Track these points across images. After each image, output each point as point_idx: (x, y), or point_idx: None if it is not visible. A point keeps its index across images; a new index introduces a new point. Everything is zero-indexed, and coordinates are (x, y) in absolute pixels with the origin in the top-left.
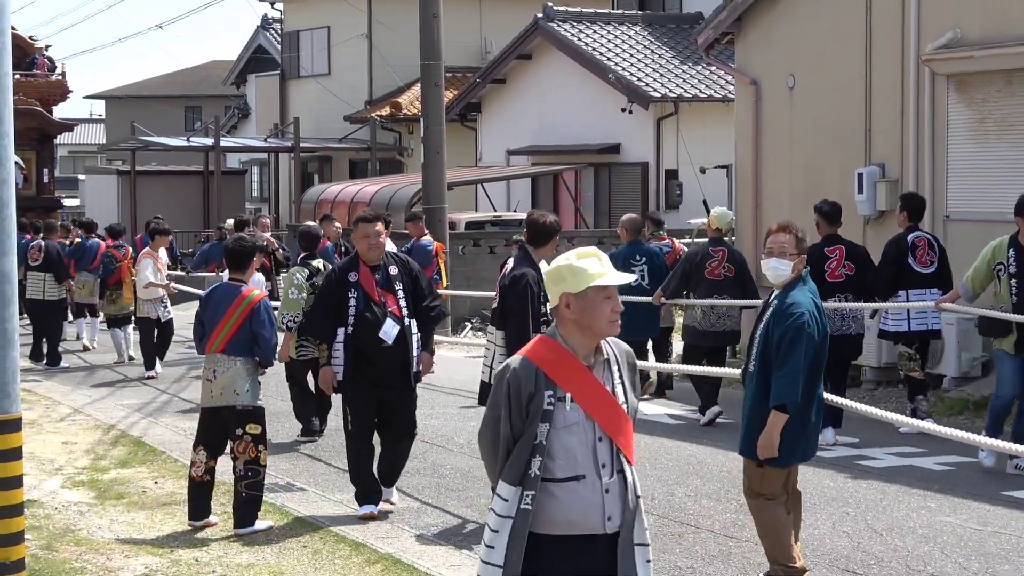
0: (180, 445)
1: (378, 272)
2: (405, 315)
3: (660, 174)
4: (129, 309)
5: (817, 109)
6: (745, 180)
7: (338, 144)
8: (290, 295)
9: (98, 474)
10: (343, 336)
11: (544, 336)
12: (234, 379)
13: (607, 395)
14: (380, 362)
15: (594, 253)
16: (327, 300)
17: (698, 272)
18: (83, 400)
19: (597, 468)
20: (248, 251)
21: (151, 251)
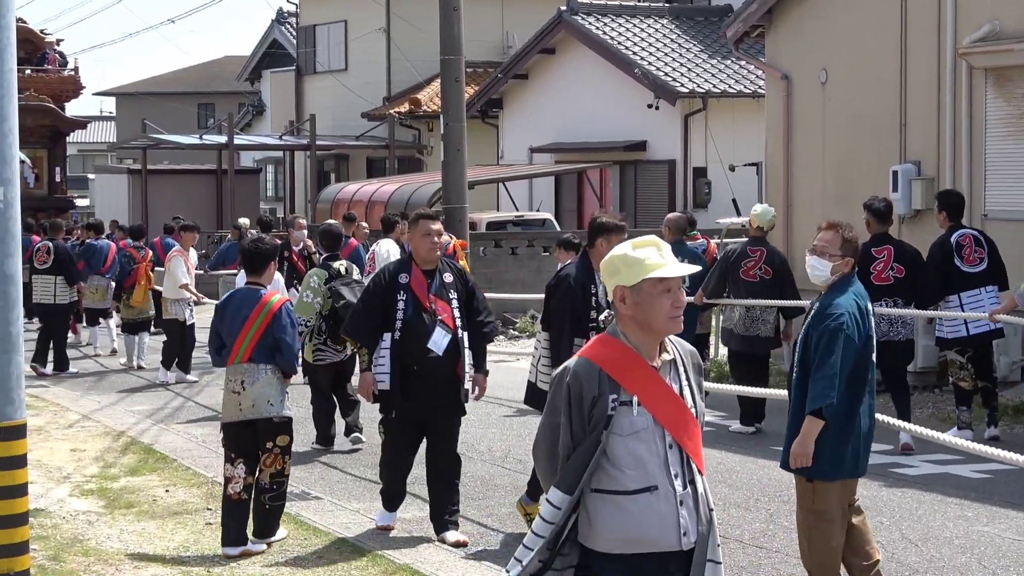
0: (192, 452)
1: (432, 277)
2: (458, 326)
3: (688, 172)
4: (148, 314)
5: (850, 104)
6: (776, 178)
7: (355, 142)
8: (304, 298)
9: (107, 482)
10: (388, 342)
11: (605, 335)
12: (265, 389)
13: (676, 398)
14: (427, 374)
15: (653, 242)
16: (373, 302)
17: (733, 272)
18: (92, 406)
19: (670, 478)
20: (266, 253)
21: (182, 250)
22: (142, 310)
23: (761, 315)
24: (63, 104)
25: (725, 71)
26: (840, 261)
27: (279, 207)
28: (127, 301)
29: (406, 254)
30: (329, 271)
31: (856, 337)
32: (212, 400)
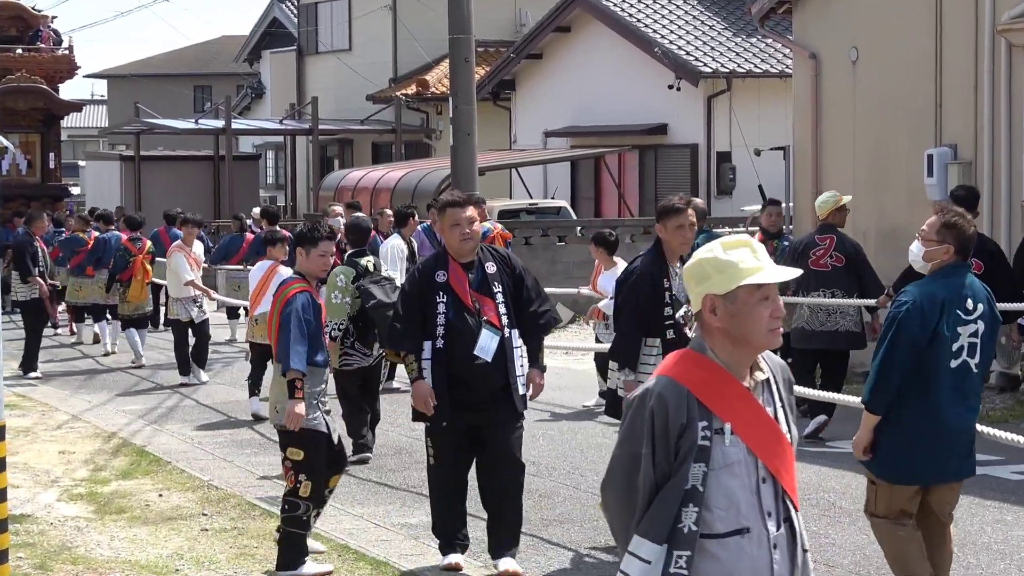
0: (187, 455)
1: (472, 271)
2: (505, 324)
3: (711, 157)
4: (146, 309)
5: (883, 85)
6: (804, 163)
7: (360, 126)
8: (333, 299)
9: (98, 486)
10: (429, 351)
11: (689, 350)
12: (274, 392)
13: (772, 424)
14: (474, 383)
15: (745, 243)
16: (409, 306)
17: (802, 263)
18: (82, 406)
19: (763, 517)
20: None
21: (183, 244)
22: (139, 305)
23: (839, 306)
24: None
25: (750, 50)
26: (936, 247)
27: (280, 195)
28: (124, 295)
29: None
30: (356, 268)
31: (920, 328)
32: (209, 399)
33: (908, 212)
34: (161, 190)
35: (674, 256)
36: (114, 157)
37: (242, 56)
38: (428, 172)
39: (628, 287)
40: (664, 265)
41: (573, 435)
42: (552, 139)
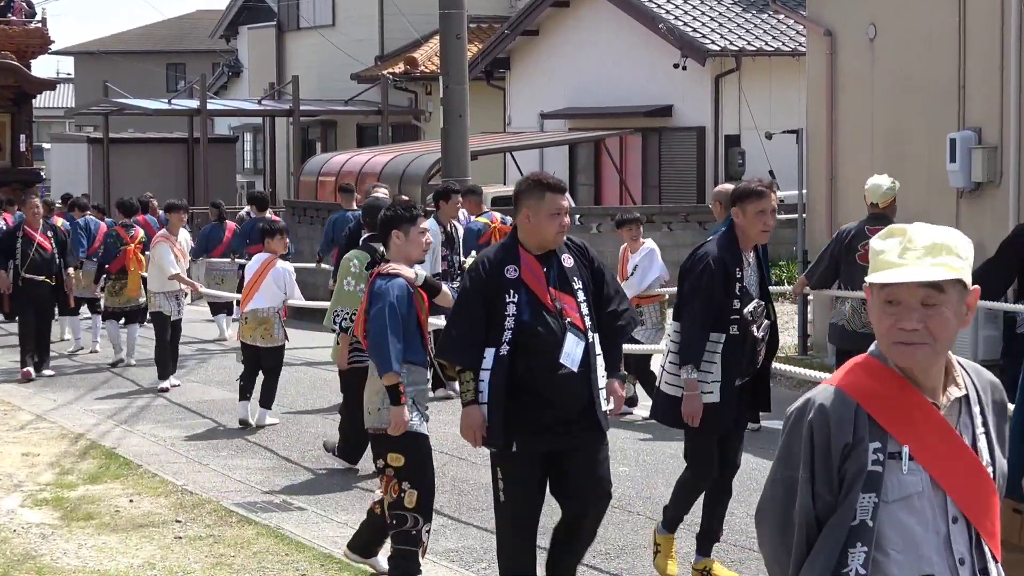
0: (160, 458)
1: (548, 264)
2: (588, 327)
3: (719, 140)
4: (139, 302)
5: (902, 64)
6: (818, 147)
7: (344, 107)
8: (344, 286)
9: (64, 491)
10: (491, 361)
11: (867, 357)
12: (371, 393)
13: (967, 452)
14: (558, 398)
15: (900, 232)
16: (472, 309)
17: (848, 256)
18: (47, 404)
19: (952, 566)
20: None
21: (168, 234)
22: (129, 299)
23: None
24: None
25: (761, 26)
26: None
27: (258, 180)
28: (112, 288)
29: (507, 237)
30: (372, 253)
31: None
32: (183, 397)
33: (928, 200)
34: (131, 175)
35: (749, 244)
36: (81, 139)
37: (218, 32)
38: (417, 156)
39: (699, 275)
40: (738, 253)
41: None
42: (549, 121)
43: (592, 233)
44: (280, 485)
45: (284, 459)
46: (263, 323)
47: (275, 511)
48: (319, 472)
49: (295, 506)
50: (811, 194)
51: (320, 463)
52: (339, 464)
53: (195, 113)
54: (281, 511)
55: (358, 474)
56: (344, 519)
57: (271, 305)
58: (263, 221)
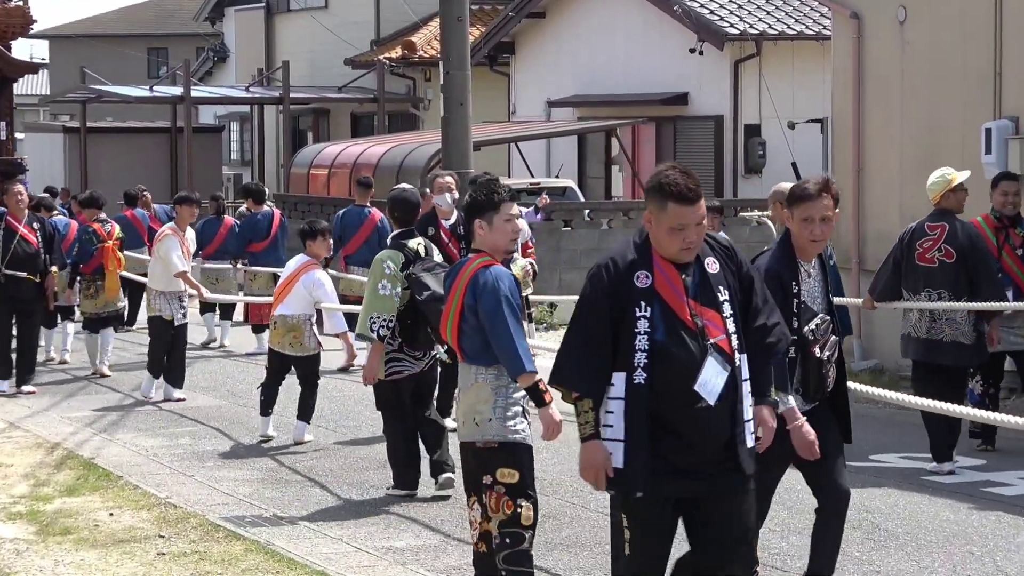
0: (141, 468)
1: (688, 271)
2: (735, 348)
3: (738, 130)
4: (117, 306)
5: (934, 49)
6: (844, 138)
7: (337, 94)
8: (379, 291)
9: (39, 504)
10: (622, 387)
11: None
12: (475, 402)
13: None
14: (694, 435)
15: None
16: (595, 322)
17: (908, 257)
18: (21, 412)
19: None
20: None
21: (176, 228)
22: (110, 302)
23: (946, 313)
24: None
25: (783, 8)
26: None
27: (245, 172)
28: (87, 291)
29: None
30: (405, 253)
31: None
32: (167, 404)
33: None
34: (110, 166)
35: (806, 254)
36: (56, 129)
37: (203, 14)
38: (416, 147)
39: None
40: (794, 264)
41: None
42: (556, 110)
43: (602, 229)
44: (270, 497)
45: (274, 470)
46: (292, 330)
47: (265, 525)
48: (312, 483)
49: (286, 520)
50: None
51: (313, 473)
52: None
53: (178, 101)
54: (271, 525)
55: (350, 480)
56: (339, 534)
57: (301, 312)
58: (305, 222)
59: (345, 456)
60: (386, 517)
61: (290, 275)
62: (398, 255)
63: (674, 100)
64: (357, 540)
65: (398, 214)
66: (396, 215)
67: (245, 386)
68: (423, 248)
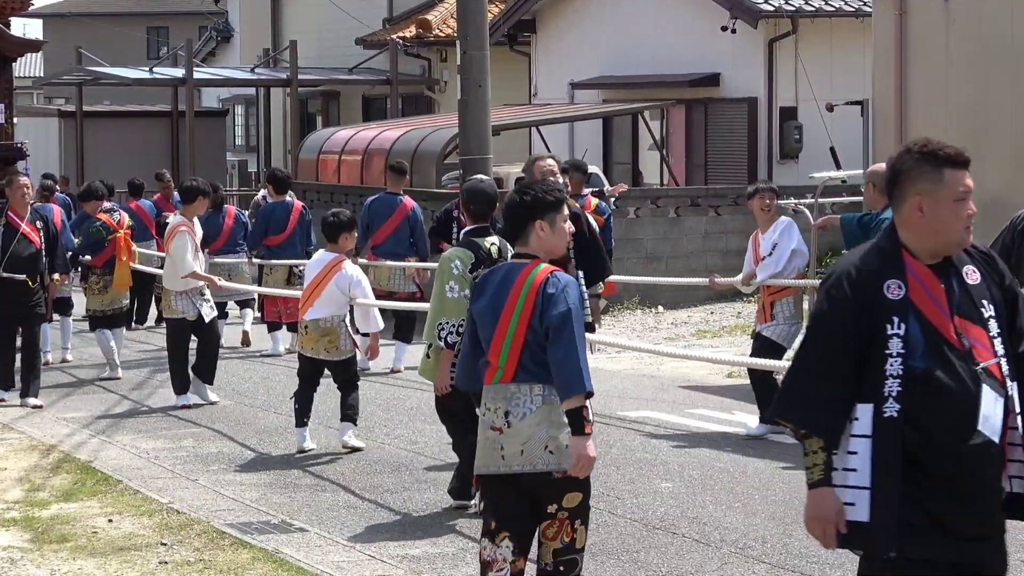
0: (142, 472)
1: (947, 280)
2: (1006, 375)
3: (773, 113)
4: (122, 303)
5: (982, 25)
6: (886, 121)
7: (348, 76)
8: (447, 292)
9: (34, 509)
10: (869, 423)
11: None
12: (540, 428)
13: None
14: (970, 484)
15: None
16: (832, 343)
17: (1019, 246)
18: (14, 412)
19: None
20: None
21: (187, 222)
22: (114, 297)
23: None
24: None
25: None
26: None
27: (251, 158)
28: (96, 285)
29: (882, 236)
30: (476, 252)
31: None
32: (169, 401)
33: (1013, 180)
34: (108, 153)
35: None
36: (51, 113)
37: None
38: (432, 131)
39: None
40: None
41: (608, 449)
42: (580, 92)
43: (629, 218)
44: (278, 503)
45: (283, 474)
46: (327, 334)
47: (273, 532)
48: (323, 487)
49: (295, 527)
50: None
51: (324, 477)
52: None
53: (180, 83)
54: (280, 532)
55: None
56: (351, 541)
57: (335, 314)
58: (331, 214)
59: (358, 459)
60: (401, 523)
61: (319, 275)
62: (468, 254)
63: (705, 81)
64: (371, 548)
65: (473, 207)
66: (471, 208)
67: (251, 385)
68: (497, 248)
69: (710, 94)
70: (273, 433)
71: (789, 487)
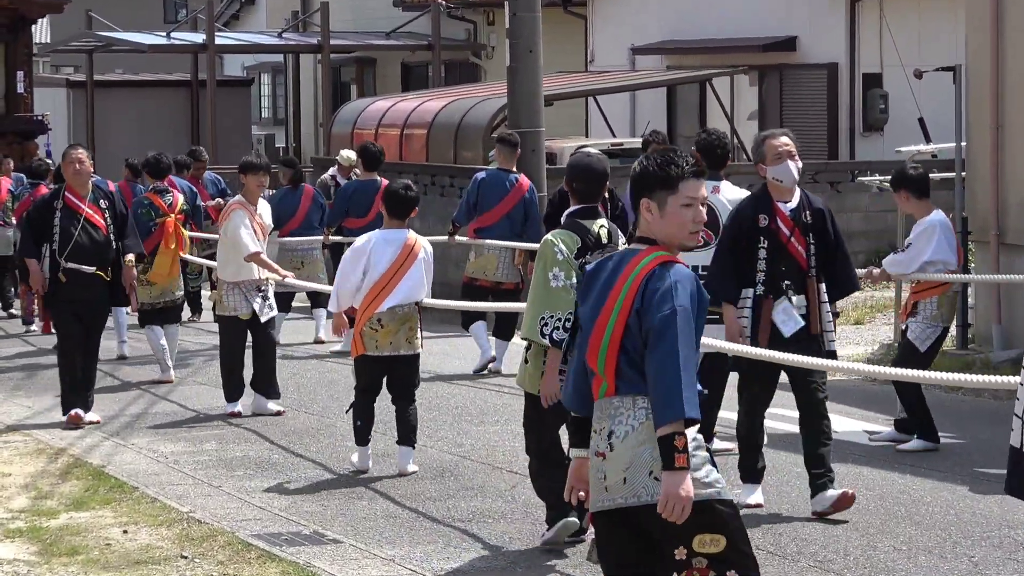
0: (159, 478)
1: None
2: None
3: (855, 81)
4: (176, 295)
5: None
6: (980, 89)
7: (385, 41)
8: (550, 281)
9: (42, 519)
10: None
11: None
12: (640, 451)
13: None
14: None
15: None
16: None
17: None
18: (20, 412)
19: None
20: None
21: (244, 201)
22: (167, 289)
23: None
24: None
25: None
26: None
27: (279, 132)
28: (144, 275)
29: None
30: (583, 235)
31: None
32: (190, 399)
33: None
34: (121, 126)
35: None
36: (59, 83)
37: None
38: (478, 101)
39: None
40: None
41: None
42: (642, 57)
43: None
44: (310, 511)
45: (314, 480)
46: (406, 321)
47: (304, 544)
48: (358, 495)
49: (329, 538)
50: (972, 146)
51: (360, 483)
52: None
53: (200, 49)
54: (311, 544)
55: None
56: (390, 553)
57: (415, 298)
58: (402, 187)
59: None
60: (445, 534)
61: (399, 257)
62: (574, 238)
63: (780, 45)
64: (411, 561)
65: (578, 185)
66: (575, 186)
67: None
68: (607, 232)
69: (786, 60)
70: (304, 435)
71: (873, 494)
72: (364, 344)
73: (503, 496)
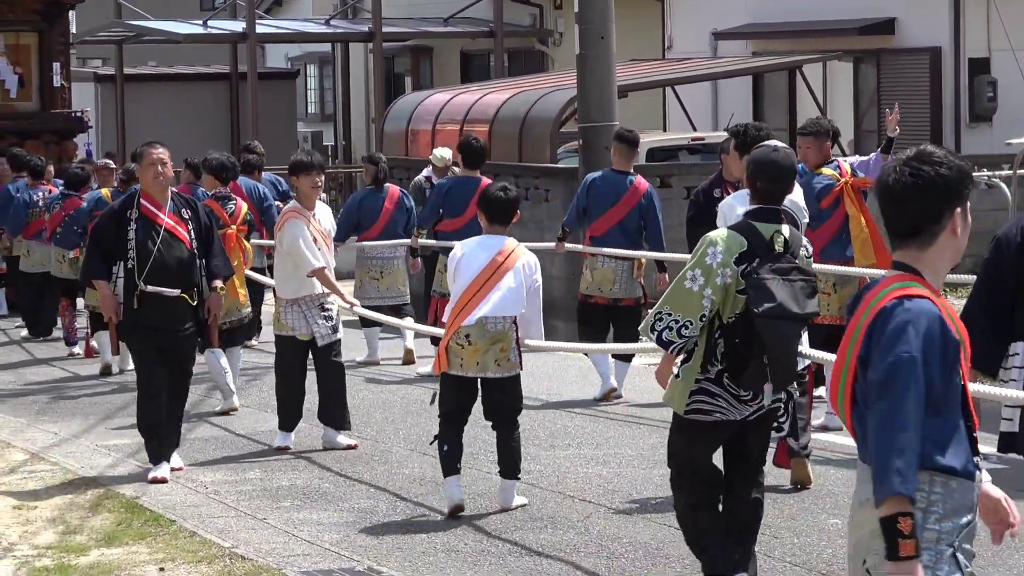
0: (199, 510)
1: None
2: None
3: (960, 67)
4: (242, 312)
5: None
6: None
7: (443, 28)
8: (685, 282)
9: (70, 556)
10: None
11: None
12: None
13: None
14: None
15: None
16: None
17: None
18: (46, 439)
19: None
20: None
21: (301, 208)
22: (231, 308)
23: None
24: None
25: None
26: None
27: (326, 129)
28: None
29: None
30: (753, 239)
31: None
32: (232, 422)
33: None
34: (153, 123)
35: None
36: (87, 76)
37: None
38: (545, 93)
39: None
40: None
41: None
42: (725, 43)
43: None
44: (364, 546)
45: (368, 511)
46: (498, 340)
47: None
48: (416, 528)
49: (384, 574)
50: None
51: (417, 515)
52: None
53: (240, 39)
54: None
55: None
56: None
57: (511, 313)
58: (500, 188)
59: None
60: (512, 570)
61: (490, 264)
62: (740, 241)
63: (877, 28)
64: None
65: (761, 184)
66: (758, 185)
67: None
68: (784, 238)
69: (883, 44)
70: (357, 462)
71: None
72: (449, 360)
73: (575, 527)
